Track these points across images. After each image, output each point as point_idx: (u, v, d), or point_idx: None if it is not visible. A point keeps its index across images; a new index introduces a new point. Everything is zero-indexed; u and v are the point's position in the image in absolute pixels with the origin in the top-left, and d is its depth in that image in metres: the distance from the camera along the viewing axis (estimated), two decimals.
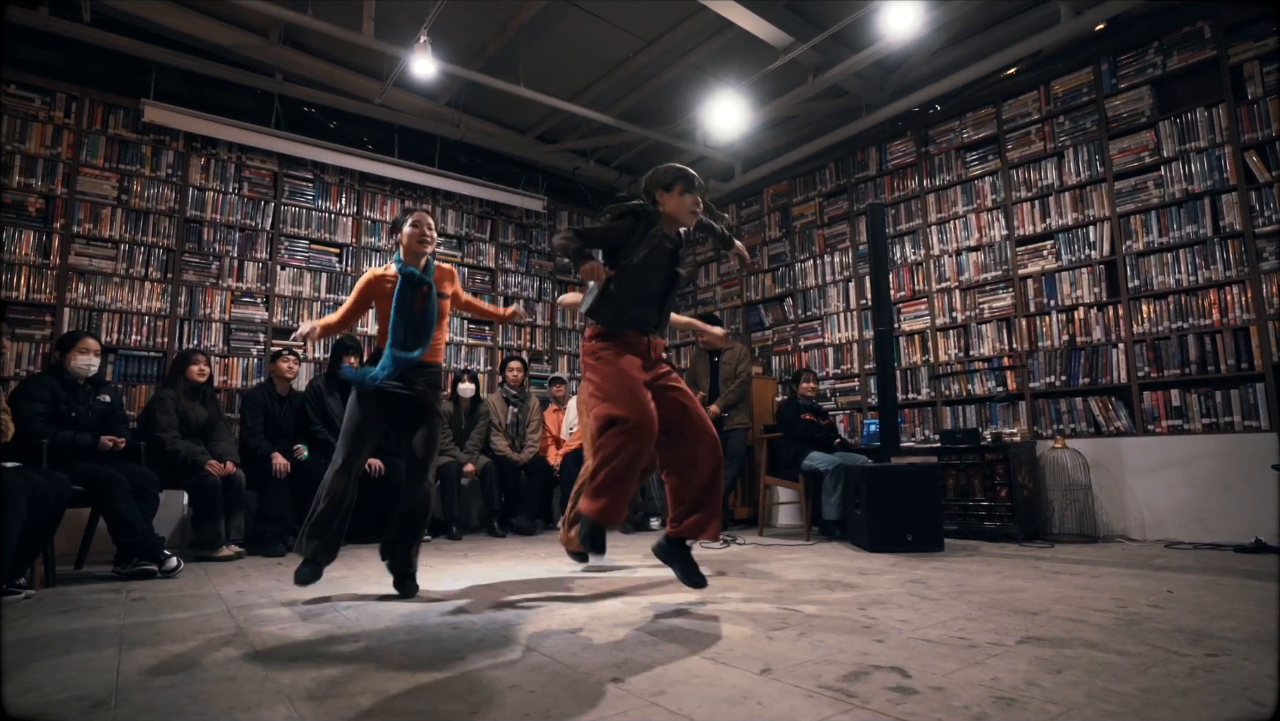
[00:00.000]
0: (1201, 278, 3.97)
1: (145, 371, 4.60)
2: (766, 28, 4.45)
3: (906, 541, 3.72)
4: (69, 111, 4.52)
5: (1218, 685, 1.47)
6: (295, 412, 4.45)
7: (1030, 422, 4.56)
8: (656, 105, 5.73)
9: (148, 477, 3.40)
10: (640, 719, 1.35)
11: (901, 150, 5.49)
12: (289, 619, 2.29)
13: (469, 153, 6.18)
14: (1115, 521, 4.13)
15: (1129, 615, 2.13)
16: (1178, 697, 1.40)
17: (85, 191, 4.52)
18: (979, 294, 4.92)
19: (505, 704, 1.44)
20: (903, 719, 1.32)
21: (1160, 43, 4.20)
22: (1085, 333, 4.38)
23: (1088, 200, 4.45)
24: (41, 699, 1.52)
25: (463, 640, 1.98)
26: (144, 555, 3.17)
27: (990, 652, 1.74)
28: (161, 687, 1.58)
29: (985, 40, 4.74)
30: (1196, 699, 1.39)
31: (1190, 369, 3.96)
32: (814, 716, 1.34)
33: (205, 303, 4.87)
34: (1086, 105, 4.50)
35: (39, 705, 1.48)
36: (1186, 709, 1.34)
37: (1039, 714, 1.32)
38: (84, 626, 2.21)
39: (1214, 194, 3.96)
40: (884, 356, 4.09)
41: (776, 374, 6.15)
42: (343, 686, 1.57)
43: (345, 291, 5.48)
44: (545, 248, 6.75)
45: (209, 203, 4.98)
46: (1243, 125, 3.88)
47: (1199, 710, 1.33)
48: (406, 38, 4.47)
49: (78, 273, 4.44)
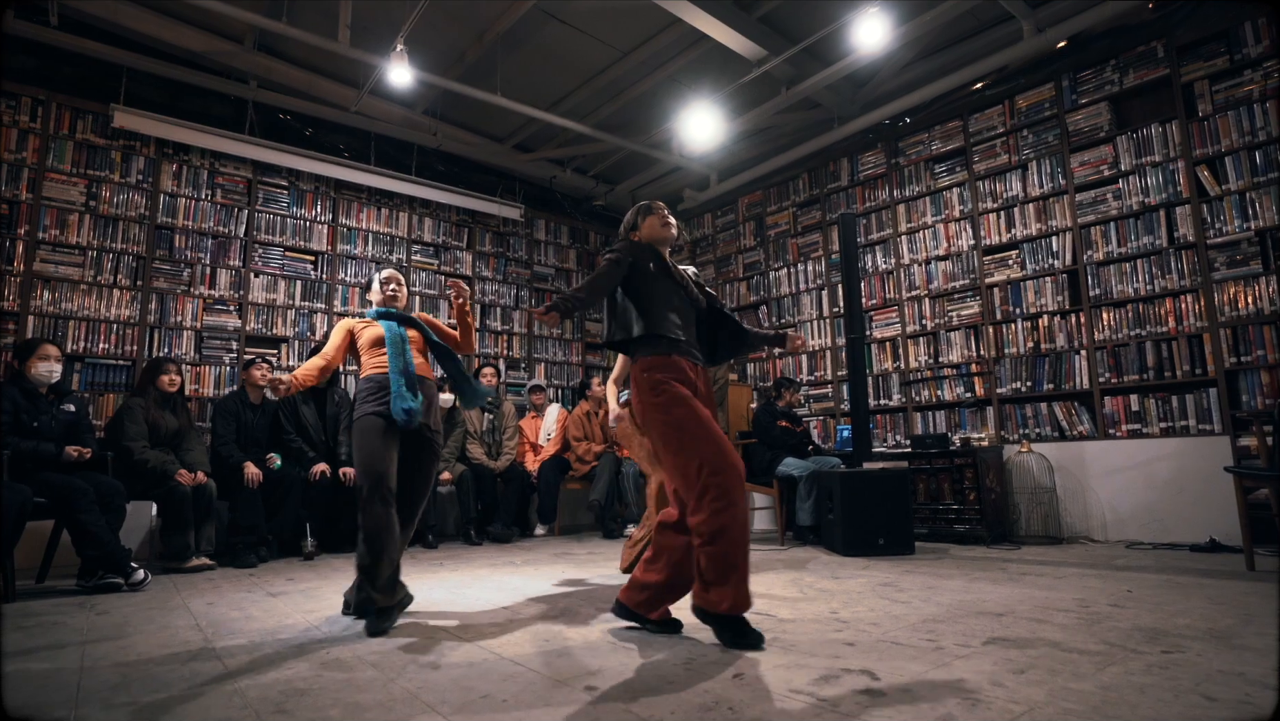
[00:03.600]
0: (1158, 287, 4.10)
1: (113, 380, 4.51)
2: (740, 41, 4.53)
3: (878, 545, 3.78)
4: (35, 116, 4.43)
5: (1172, 681, 1.53)
6: (268, 421, 4.40)
7: (997, 427, 4.67)
8: (633, 115, 5.78)
9: (114, 488, 3.32)
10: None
11: (872, 161, 5.60)
12: (258, 632, 2.27)
13: (446, 161, 6.17)
14: (1079, 523, 4.24)
15: (1090, 614, 2.20)
16: (1134, 694, 1.45)
17: (52, 197, 4.43)
18: (948, 302, 5.03)
19: (479, 712, 1.45)
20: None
21: (1118, 60, 4.35)
22: (1049, 340, 4.51)
23: (1050, 211, 4.58)
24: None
25: (434, 650, 1.98)
26: (110, 568, 3.10)
27: (957, 654, 1.79)
28: (123, 704, 1.56)
29: (952, 56, 4.87)
30: (1152, 695, 1.44)
31: (1148, 374, 4.09)
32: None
33: (177, 310, 4.80)
34: (1049, 120, 4.63)
35: None
36: (1142, 705, 1.39)
37: (1002, 713, 1.36)
38: (45, 641, 2.16)
39: (1169, 206, 4.10)
40: (856, 363, 4.17)
41: (751, 380, 6.21)
42: (312, 699, 1.56)
43: (320, 299, 5.43)
44: (522, 255, 6.75)
45: (181, 209, 4.91)
46: (1194, 141, 4.03)
47: (1154, 706, 1.38)
48: (383, 46, 4.47)
49: (43, 279, 4.34)
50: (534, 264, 6.84)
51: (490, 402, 5.42)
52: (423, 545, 4.71)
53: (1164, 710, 1.36)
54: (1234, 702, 1.39)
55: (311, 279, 5.43)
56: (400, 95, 5.27)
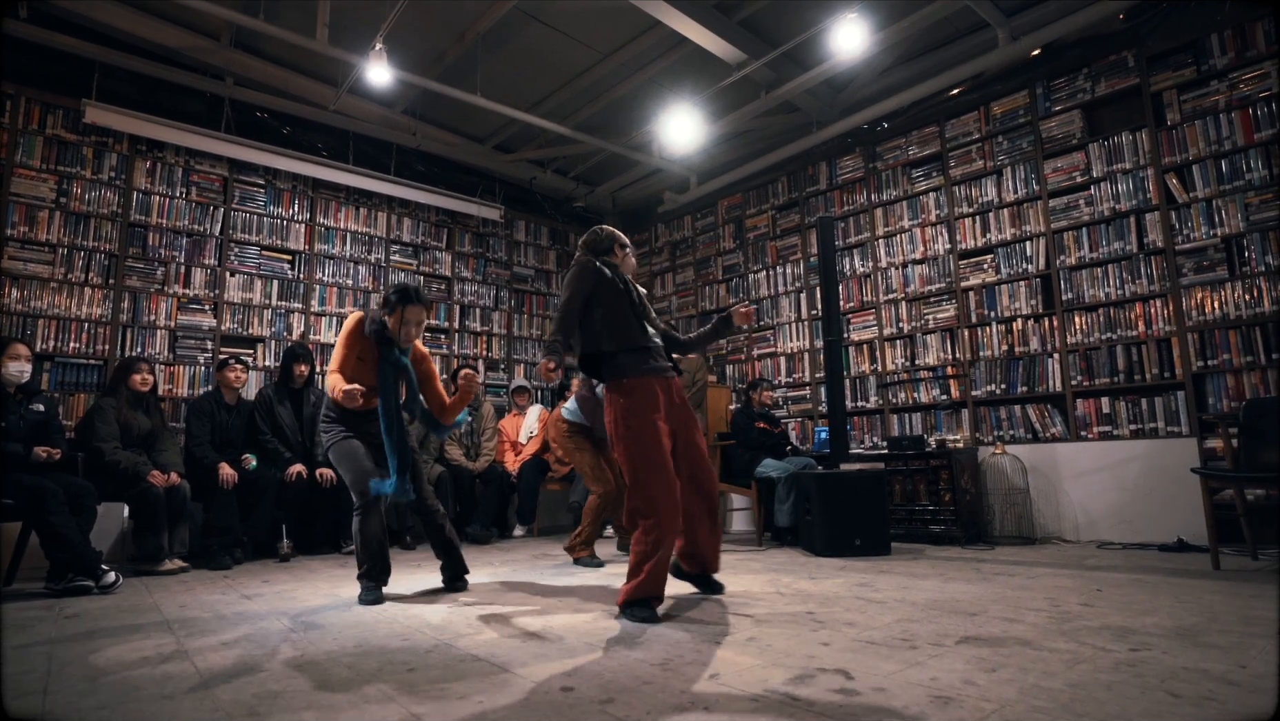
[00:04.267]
0: (1128, 291, 4.19)
1: (84, 380, 4.43)
2: (720, 44, 4.55)
3: (855, 546, 3.82)
4: (3, 111, 4.34)
5: (1139, 678, 1.56)
6: (244, 422, 4.35)
7: (972, 429, 4.73)
8: (613, 117, 5.79)
9: (84, 489, 3.27)
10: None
11: (850, 165, 5.65)
12: (232, 634, 2.24)
13: (426, 161, 6.13)
14: (1051, 523, 4.32)
15: (1061, 613, 2.24)
16: (1102, 691, 1.48)
17: (20, 194, 4.34)
18: (924, 305, 5.10)
19: (454, 715, 1.44)
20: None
21: (1090, 69, 4.44)
22: (1023, 343, 4.58)
23: (1025, 216, 4.66)
24: None
25: (411, 652, 1.97)
26: (79, 570, 3.05)
27: (930, 653, 1.81)
28: (92, 709, 1.53)
29: (929, 62, 4.94)
30: (1119, 692, 1.47)
31: (1119, 378, 4.17)
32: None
33: (150, 309, 4.72)
34: (1023, 126, 4.71)
35: None
36: (1110, 702, 1.42)
37: (974, 711, 1.38)
38: (11, 645, 2.12)
39: (1139, 213, 4.19)
40: (834, 365, 4.20)
41: (730, 382, 6.24)
42: (286, 701, 1.55)
43: (297, 299, 5.38)
44: (502, 256, 6.73)
45: (155, 207, 4.83)
46: (1163, 149, 4.12)
47: (1121, 702, 1.41)
48: (362, 44, 4.43)
49: (11, 277, 4.25)
50: (514, 265, 6.82)
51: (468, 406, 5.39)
52: (400, 546, 4.68)
53: (1130, 706, 1.39)
54: (1197, 699, 1.42)
55: (288, 278, 5.38)
56: (379, 94, 5.23)
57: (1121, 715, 1.35)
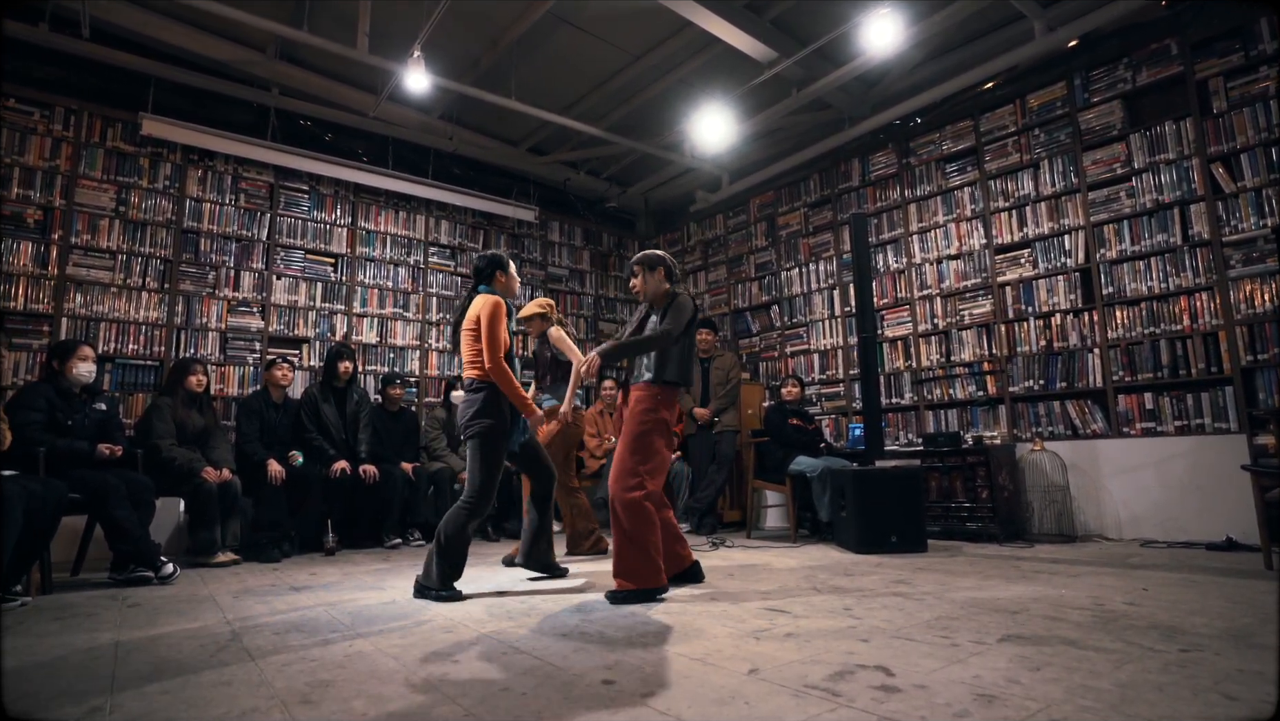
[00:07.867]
0: (1172, 285, 4.09)
1: (142, 380, 4.62)
2: (751, 43, 4.56)
3: (891, 542, 3.81)
4: (67, 124, 4.55)
5: (1191, 680, 1.51)
6: (290, 420, 4.49)
7: (1010, 426, 4.67)
8: (645, 118, 5.82)
9: (144, 485, 3.41)
10: (630, 719, 1.39)
11: (883, 161, 5.60)
12: (284, 624, 2.33)
13: (462, 164, 6.25)
14: (1092, 521, 4.24)
15: (1106, 613, 2.19)
16: (1153, 692, 1.44)
17: (83, 203, 4.55)
18: (959, 301, 5.04)
19: (499, 706, 1.47)
20: (887, 717, 1.35)
21: (1130, 59, 4.34)
22: (1062, 338, 4.50)
23: (1063, 210, 4.57)
24: (38, 704, 1.55)
25: (455, 643, 2.02)
26: (140, 562, 3.20)
27: (972, 651, 1.78)
28: (156, 693, 1.61)
29: (963, 55, 4.87)
30: (1171, 693, 1.43)
31: (1162, 373, 4.08)
32: (800, 715, 1.37)
33: (202, 312, 4.91)
34: (1061, 118, 4.62)
35: (36, 710, 1.51)
36: (1161, 703, 1.38)
37: (1019, 710, 1.36)
38: (80, 633, 2.24)
39: (1183, 204, 4.09)
40: (868, 362, 4.18)
41: (763, 379, 6.24)
42: (337, 690, 1.60)
43: (340, 300, 5.54)
44: (537, 256, 6.83)
45: (206, 214, 5.02)
46: (1209, 138, 4.01)
47: (1173, 704, 1.37)
48: (400, 53, 4.54)
49: (75, 283, 4.46)
50: (548, 265, 6.90)
51: None
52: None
53: (1183, 708, 1.35)
54: (1256, 702, 1.37)
55: (331, 281, 5.53)
56: (417, 100, 5.35)
57: (1174, 717, 1.32)
